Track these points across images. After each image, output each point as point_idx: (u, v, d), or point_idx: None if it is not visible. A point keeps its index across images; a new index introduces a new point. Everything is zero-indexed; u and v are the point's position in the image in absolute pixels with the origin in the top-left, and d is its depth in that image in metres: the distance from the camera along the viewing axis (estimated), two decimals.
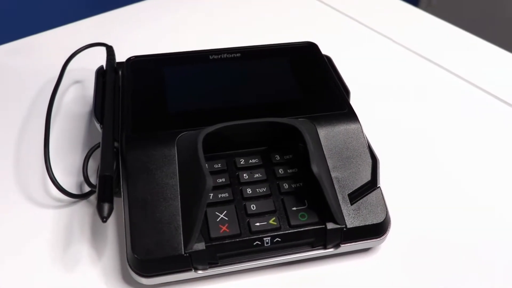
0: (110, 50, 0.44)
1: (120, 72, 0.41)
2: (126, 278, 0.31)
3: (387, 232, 0.33)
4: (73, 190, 0.37)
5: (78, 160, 0.40)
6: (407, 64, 0.54)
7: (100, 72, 0.41)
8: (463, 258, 0.34)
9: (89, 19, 0.60)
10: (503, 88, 0.50)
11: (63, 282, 0.31)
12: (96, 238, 0.34)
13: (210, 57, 0.41)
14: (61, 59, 0.46)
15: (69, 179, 0.38)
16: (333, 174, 0.33)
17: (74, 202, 0.36)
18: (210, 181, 0.29)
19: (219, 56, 0.41)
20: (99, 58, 0.45)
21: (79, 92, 0.47)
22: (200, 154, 0.31)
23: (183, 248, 0.29)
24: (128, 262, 0.30)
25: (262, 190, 0.33)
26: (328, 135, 0.35)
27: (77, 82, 0.49)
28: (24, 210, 0.36)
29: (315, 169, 0.31)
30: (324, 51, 0.45)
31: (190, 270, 0.30)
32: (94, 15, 0.61)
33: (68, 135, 0.42)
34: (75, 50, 0.44)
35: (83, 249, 0.33)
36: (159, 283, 0.31)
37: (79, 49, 0.45)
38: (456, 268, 0.33)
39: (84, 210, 0.36)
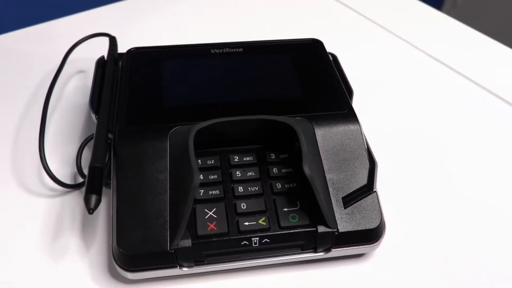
0: (112, 41, 0.44)
1: (120, 63, 0.41)
2: (112, 272, 0.31)
3: (381, 239, 0.32)
4: (67, 180, 0.37)
5: (75, 150, 0.39)
6: (419, 67, 0.52)
7: (100, 63, 0.41)
8: (462, 267, 0.32)
9: (104, 7, 0.60)
10: None
11: (49, 272, 0.31)
12: (85, 229, 0.34)
13: (212, 51, 0.41)
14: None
15: (64, 168, 0.38)
16: (328, 176, 0.32)
17: (67, 192, 0.36)
18: (197, 178, 0.28)
19: (221, 51, 0.41)
20: (106, 48, 0.44)
21: (82, 82, 0.47)
22: (190, 150, 0.30)
23: (168, 244, 0.29)
24: (113, 255, 0.30)
25: (254, 189, 0.32)
26: (326, 135, 0.34)
27: (80, 71, 0.49)
28: (18, 197, 0.36)
29: (306, 170, 0.30)
30: (334, 48, 0.44)
31: (175, 267, 0.29)
32: (109, 4, 0.61)
33: (67, 125, 0.42)
34: (78, 40, 0.44)
35: (71, 239, 0.33)
36: (144, 278, 0.30)
37: (81, 39, 0.44)
38: (455, 278, 0.32)
39: (76, 201, 0.35)
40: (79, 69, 0.49)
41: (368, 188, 0.32)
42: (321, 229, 0.30)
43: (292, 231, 0.30)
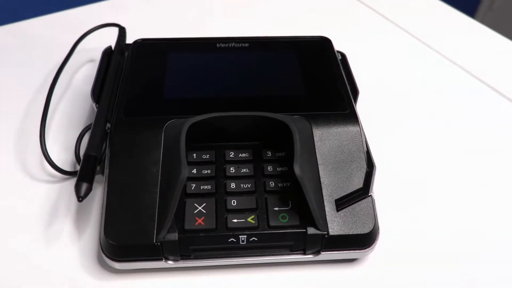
0: (121, 31, 0.44)
1: (126, 54, 0.41)
2: (100, 261, 0.31)
3: (373, 244, 0.31)
4: (68, 167, 0.37)
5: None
6: (435, 70, 0.50)
7: (106, 53, 0.41)
8: (458, 276, 0.31)
9: None
10: None
11: (39, 256, 0.31)
12: (79, 216, 0.34)
13: (217, 45, 0.40)
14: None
15: (66, 155, 0.39)
16: (322, 177, 0.32)
17: (65, 179, 0.37)
18: (185, 171, 0.28)
19: (227, 45, 0.40)
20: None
21: (92, 71, 0.48)
22: (181, 143, 0.30)
23: (155, 236, 0.29)
24: (100, 245, 0.30)
25: (246, 186, 0.32)
26: (323, 135, 0.33)
27: (92, 61, 0.49)
28: (18, 181, 0.36)
29: (297, 169, 0.29)
30: (349, 47, 0.43)
31: (161, 259, 0.29)
32: None
33: (73, 113, 0.43)
34: (87, 30, 0.45)
35: (65, 225, 0.33)
36: (131, 269, 0.30)
37: (91, 29, 0.45)
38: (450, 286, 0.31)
39: (73, 188, 0.36)
40: (91, 58, 0.49)
41: (364, 192, 0.31)
42: (311, 230, 0.30)
43: (281, 231, 0.30)
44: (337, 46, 0.43)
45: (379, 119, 0.42)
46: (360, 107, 0.39)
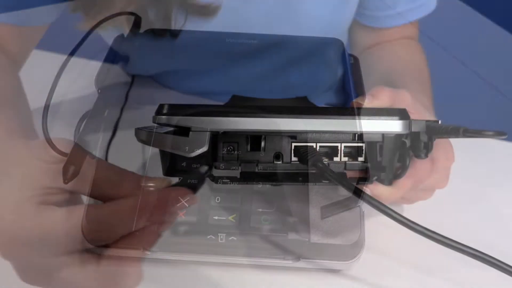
0: (136, 20, 0.44)
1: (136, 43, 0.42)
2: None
3: (357, 257, 0.29)
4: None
5: None
6: (456, 80, 0.48)
7: (117, 41, 0.42)
8: None
9: None
10: None
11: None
12: None
13: (226, 40, 0.40)
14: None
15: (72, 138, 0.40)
16: (311, 182, 0.30)
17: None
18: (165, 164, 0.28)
19: (236, 41, 0.40)
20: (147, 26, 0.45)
21: None
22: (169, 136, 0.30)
23: (134, 225, 0.29)
24: (82, 228, 0.30)
25: (234, 183, 0.31)
26: None
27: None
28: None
29: (280, 172, 0.28)
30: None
31: (139, 249, 0.29)
32: None
33: (84, 98, 0.44)
34: (103, 18, 0.45)
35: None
36: (112, 255, 0.31)
37: (107, 17, 0.45)
38: None
39: None
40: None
41: (353, 202, 0.30)
42: (291, 236, 0.29)
43: (260, 233, 0.29)
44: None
45: None
46: None
